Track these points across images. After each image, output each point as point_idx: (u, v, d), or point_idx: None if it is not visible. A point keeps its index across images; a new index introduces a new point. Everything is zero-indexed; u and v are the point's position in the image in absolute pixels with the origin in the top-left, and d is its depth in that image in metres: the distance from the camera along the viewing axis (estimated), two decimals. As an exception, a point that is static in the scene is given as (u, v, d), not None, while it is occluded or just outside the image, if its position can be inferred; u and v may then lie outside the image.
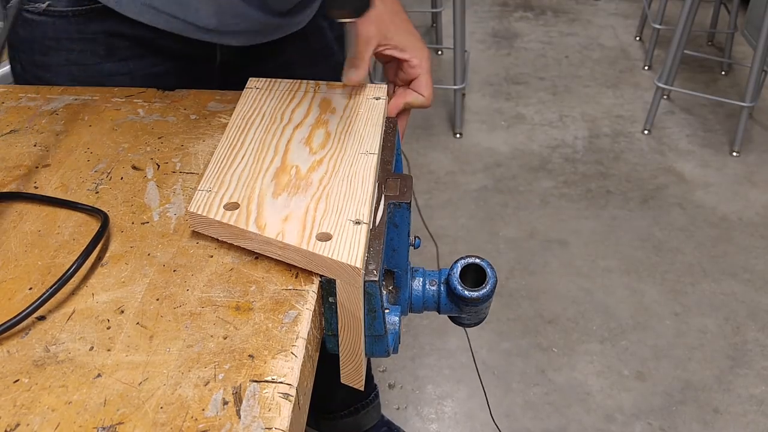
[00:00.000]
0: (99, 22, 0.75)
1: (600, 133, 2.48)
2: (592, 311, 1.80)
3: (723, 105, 2.58)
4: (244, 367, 0.45)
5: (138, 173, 0.63)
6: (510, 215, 2.10)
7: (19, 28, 0.78)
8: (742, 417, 1.55)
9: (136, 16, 0.73)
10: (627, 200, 2.17)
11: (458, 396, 1.59)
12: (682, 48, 2.34)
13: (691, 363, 1.67)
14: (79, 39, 0.76)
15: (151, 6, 0.73)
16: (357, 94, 0.69)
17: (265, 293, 0.51)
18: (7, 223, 0.57)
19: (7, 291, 0.51)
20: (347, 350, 0.56)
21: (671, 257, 1.96)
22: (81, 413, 0.42)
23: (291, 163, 0.60)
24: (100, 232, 0.54)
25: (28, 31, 0.77)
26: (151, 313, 0.49)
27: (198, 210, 0.54)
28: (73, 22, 0.75)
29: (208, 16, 0.74)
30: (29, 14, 0.76)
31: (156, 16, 0.74)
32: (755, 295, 1.85)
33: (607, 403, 1.58)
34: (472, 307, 0.63)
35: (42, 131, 0.68)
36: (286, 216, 0.54)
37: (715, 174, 2.29)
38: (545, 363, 1.66)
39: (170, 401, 0.43)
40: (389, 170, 0.64)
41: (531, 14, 3.35)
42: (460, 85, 2.37)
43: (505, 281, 1.87)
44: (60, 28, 0.76)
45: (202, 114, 0.71)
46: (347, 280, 0.51)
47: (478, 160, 2.34)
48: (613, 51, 3.02)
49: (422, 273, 0.66)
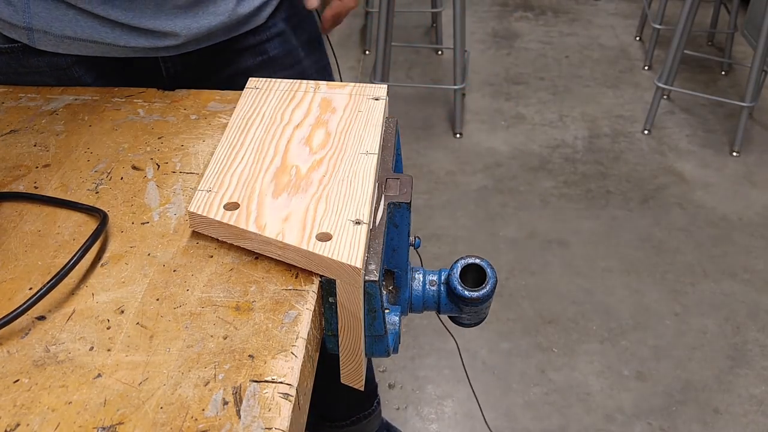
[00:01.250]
0: (36, 57, 0.75)
1: (600, 133, 2.48)
2: (592, 311, 1.79)
3: (723, 105, 2.58)
4: (244, 367, 0.45)
5: (138, 173, 0.63)
6: (510, 215, 2.10)
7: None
8: (742, 417, 1.55)
9: (53, 49, 0.73)
10: (627, 200, 2.17)
11: (458, 396, 1.59)
12: (682, 48, 2.34)
13: (691, 363, 1.67)
14: (26, 72, 0.76)
15: (65, 36, 0.73)
16: (357, 94, 0.69)
17: (265, 293, 0.51)
18: (7, 223, 0.57)
19: (7, 291, 0.51)
20: (347, 350, 0.56)
21: (671, 257, 1.96)
22: (81, 413, 0.42)
23: (291, 163, 0.60)
24: (99, 228, 0.54)
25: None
26: (151, 313, 0.49)
27: (198, 210, 0.54)
28: (14, 57, 0.75)
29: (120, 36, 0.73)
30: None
31: (73, 44, 0.73)
32: (755, 295, 1.84)
33: (607, 403, 1.57)
34: (472, 307, 0.63)
35: (42, 131, 0.68)
36: (286, 216, 0.54)
37: (715, 174, 2.29)
38: (545, 363, 1.66)
39: (170, 401, 0.43)
40: (389, 170, 0.64)
41: (531, 14, 3.35)
42: (460, 85, 2.37)
43: (505, 281, 1.87)
44: (4, 63, 0.76)
45: (202, 114, 0.71)
46: (347, 280, 0.51)
47: (478, 160, 2.34)
48: (613, 51, 3.02)
49: (422, 273, 0.66)
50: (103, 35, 0.73)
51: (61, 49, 0.74)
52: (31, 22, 0.72)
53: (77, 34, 0.73)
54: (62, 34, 0.72)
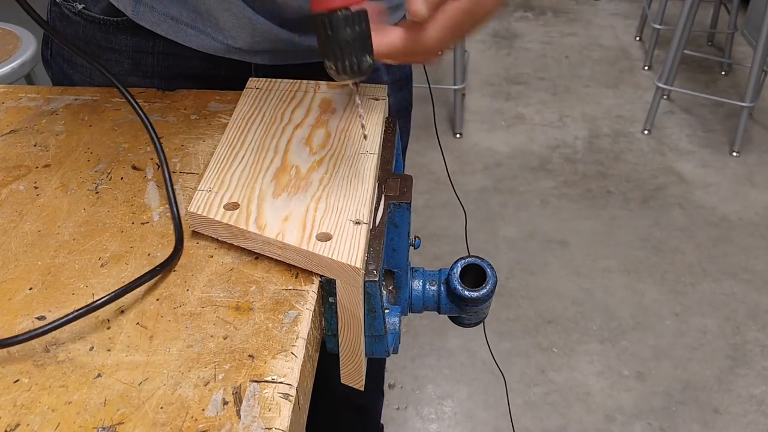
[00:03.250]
0: (128, 36, 0.73)
1: (600, 133, 2.48)
2: (592, 311, 1.79)
3: (723, 105, 2.58)
4: (244, 367, 0.45)
5: (138, 173, 0.63)
6: (510, 215, 2.10)
7: (57, 21, 0.78)
8: (742, 417, 1.55)
9: (152, 27, 0.71)
10: (627, 200, 2.17)
11: (458, 396, 1.59)
12: (682, 48, 2.34)
13: (691, 363, 1.67)
14: (106, 48, 0.75)
15: (169, 16, 0.70)
16: (357, 94, 0.69)
17: (265, 293, 0.51)
18: (7, 223, 0.57)
19: (7, 291, 0.51)
20: (347, 350, 0.56)
21: (671, 257, 1.96)
22: (81, 413, 0.42)
23: (291, 163, 0.60)
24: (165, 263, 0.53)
25: (64, 25, 0.77)
26: (151, 313, 0.49)
27: (198, 210, 0.54)
28: (103, 30, 0.74)
29: (229, 29, 0.70)
30: (67, 11, 0.76)
31: (173, 27, 0.71)
32: (755, 295, 1.85)
33: (607, 403, 1.58)
34: (472, 307, 0.63)
35: (42, 131, 0.68)
36: (286, 216, 0.54)
37: (715, 174, 2.29)
38: (545, 363, 1.66)
39: (170, 401, 0.43)
40: (389, 170, 0.64)
41: (531, 14, 3.35)
42: (460, 85, 2.37)
43: (505, 281, 1.87)
44: (90, 33, 0.75)
45: (202, 114, 0.71)
46: (347, 280, 0.51)
47: (478, 160, 2.34)
48: (613, 51, 3.02)
49: (422, 273, 0.66)
50: (213, 27, 0.70)
51: (160, 29, 0.71)
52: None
53: (183, 18, 0.70)
54: (167, 13, 0.70)
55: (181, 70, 0.76)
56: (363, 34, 0.51)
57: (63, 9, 0.77)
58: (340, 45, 0.51)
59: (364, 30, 0.51)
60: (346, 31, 0.50)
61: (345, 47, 0.51)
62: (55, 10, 0.79)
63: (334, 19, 0.50)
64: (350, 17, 0.50)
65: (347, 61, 0.51)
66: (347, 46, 0.50)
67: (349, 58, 0.51)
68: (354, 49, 0.51)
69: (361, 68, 0.51)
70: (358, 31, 0.51)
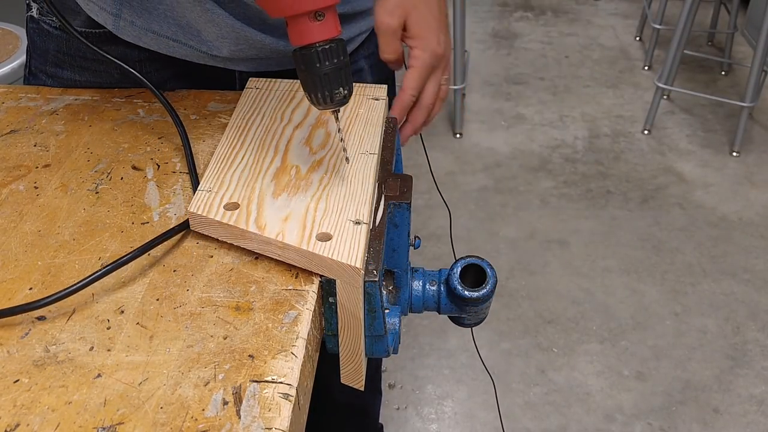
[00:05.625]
0: (112, 47, 0.73)
1: (600, 133, 2.48)
2: (592, 311, 1.79)
3: (723, 105, 2.58)
4: (244, 367, 0.45)
5: (138, 173, 0.63)
6: (510, 215, 2.10)
7: (36, 37, 0.77)
8: (742, 417, 1.55)
9: (134, 41, 0.71)
10: (627, 200, 2.17)
11: (458, 396, 1.59)
12: (682, 48, 2.34)
13: (691, 363, 1.66)
14: (93, 59, 0.75)
15: (150, 30, 0.70)
16: (357, 94, 0.69)
17: (265, 293, 0.51)
18: (7, 223, 0.57)
19: (7, 291, 0.51)
20: (347, 350, 0.56)
21: (671, 257, 1.96)
22: (81, 413, 0.42)
23: (291, 163, 0.60)
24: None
25: (44, 41, 0.76)
26: (151, 313, 0.49)
27: (198, 210, 0.54)
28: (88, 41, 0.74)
29: (212, 39, 0.71)
30: (46, 26, 0.75)
31: (155, 40, 0.71)
32: (755, 295, 1.85)
33: (607, 403, 1.58)
34: (472, 307, 0.63)
35: (42, 131, 0.68)
36: (286, 216, 0.54)
37: (715, 174, 2.29)
38: (545, 363, 1.66)
39: (170, 401, 0.43)
40: (389, 170, 0.64)
41: (531, 14, 3.35)
42: (460, 85, 2.37)
43: (505, 281, 1.87)
44: (74, 46, 0.75)
45: (202, 114, 0.71)
46: (347, 280, 0.51)
47: (478, 160, 2.34)
48: (613, 51, 3.02)
49: (422, 273, 0.66)
50: (195, 39, 0.71)
51: (142, 42, 0.71)
52: (121, 9, 0.69)
53: (164, 32, 0.70)
54: (148, 27, 0.70)
55: (170, 75, 0.77)
56: (338, 66, 0.52)
57: (42, 24, 0.76)
58: (314, 78, 0.52)
59: (340, 62, 0.52)
60: (323, 64, 0.52)
61: (318, 81, 0.52)
62: (33, 27, 0.78)
63: (307, 55, 0.52)
64: (326, 51, 0.52)
65: (320, 94, 0.53)
66: (321, 79, 0.52)
67: (322, 91, 0.53)
68: (328, 82, 0.52)
69: (334, 100, 0.53)
70: (334, 64, 0.52)
